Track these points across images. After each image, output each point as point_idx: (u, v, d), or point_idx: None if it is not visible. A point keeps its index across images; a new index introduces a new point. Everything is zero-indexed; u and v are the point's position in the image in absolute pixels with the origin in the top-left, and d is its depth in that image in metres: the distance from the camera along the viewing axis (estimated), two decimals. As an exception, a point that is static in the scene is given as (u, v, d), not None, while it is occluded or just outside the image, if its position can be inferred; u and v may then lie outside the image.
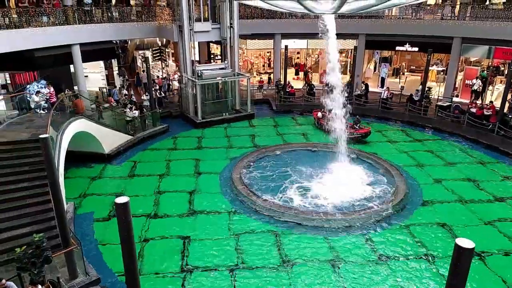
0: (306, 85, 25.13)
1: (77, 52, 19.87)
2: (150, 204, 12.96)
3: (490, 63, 22.66)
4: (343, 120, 15.02)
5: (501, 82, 22.31)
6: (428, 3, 23.77)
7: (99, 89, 23.89)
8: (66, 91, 17.68)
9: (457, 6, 22.59)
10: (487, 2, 22.40)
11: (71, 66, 21.08)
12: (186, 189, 13.96)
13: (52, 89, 16.62)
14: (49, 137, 8.76)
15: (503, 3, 21.67)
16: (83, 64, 20.89)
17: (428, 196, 13.37)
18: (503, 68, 22.58)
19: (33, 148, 11.36)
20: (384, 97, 22.39)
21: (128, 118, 18.31)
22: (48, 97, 15.37)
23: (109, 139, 16.53)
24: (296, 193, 13.26)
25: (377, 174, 14.67)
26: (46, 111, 14.49)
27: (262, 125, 20.84)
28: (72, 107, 16.34)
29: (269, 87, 26.37)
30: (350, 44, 26.03)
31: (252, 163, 15.66)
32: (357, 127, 18.11)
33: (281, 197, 12.99)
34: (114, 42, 25.29)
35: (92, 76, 24.75)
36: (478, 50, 21.95)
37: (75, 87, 20.76)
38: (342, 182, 13.68)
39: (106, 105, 19.69)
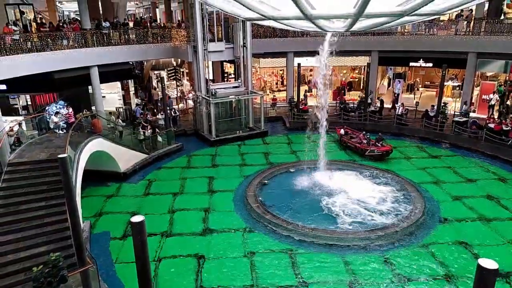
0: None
1: (95, 74, 20.48)
2: (165, 223, 12.99)
3: (507, 78, 22.30)
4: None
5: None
6: (441, 18, 23.72)
7: (116, 109, 24.42)
8: (84, 111, 18.13)
9: (472, 21, 22.47)
10: (502, 17, 22.20)
11: (89, 86, 21.69)
12: (201, 207, 13.97)
13: (71, 109, 17.08)
14: (67, 156, 8.96)
15: (518, 17, 21.47)
16: (101, 85, 21.48)
17: (447, 213, 13.01)
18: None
19: (51, 168, 11.62)
20: (399, 113, 22.19)
21: (141, 137, 18.61)
22: (67, 118, 15.77)
23: (125, 157, 16.80)
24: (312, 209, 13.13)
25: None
26: (65, 131, 14.86)
27: (275, 143, 20.85)
28: (90, 127, 16.73)
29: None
30: (363, 60, 26.06)
31: (266, 181, 15.61)
32: (379, 144, 17.92)
33: (295, 214, 12.85)
34: (131, 63, 25.98)
35: (110, 96, 25.36)
36: (494, 64, 21.67)
37: (93, 107, 21.29)
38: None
39: (123, 124, 20.08)
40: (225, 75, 29.64)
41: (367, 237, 11.51)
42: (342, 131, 20.01)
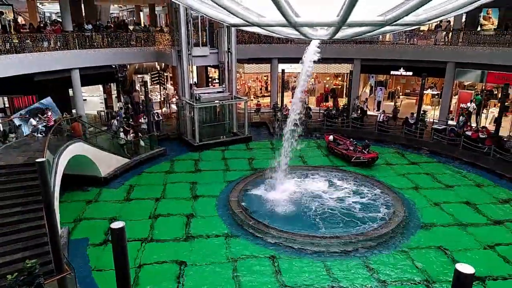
0: (304, 108, 25.35)
1: (76, 77, 20.11)
2: (146, 229, 12.78)
3: (483, 87, 23.04)
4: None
5: (494, 105, 22.63)
6: (421, 29, 24.37)
7: (97, 113, 24.02)
8: (64, 115, 17.76)
9: (450, 32, 23.18)
10: (479, 28, 23.00)
11: (70, 89, 21.27)
12: (183, 213, 13.82)
13: (50, 113, 16.69)
14: (45, 161, 8.74)
15: (494, 29, 22.26)
16: (82, 88, 21.10)
17: (427, 219, 13.28)
18: (496, 92, 22.95)
19: (28, 172, 11.30)
20: (380, 120, 22.61)
21: (121, 142, 18.34)
22: (46, 121, 15.41)
23: (106, 162, 16.50)
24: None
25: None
26: (43, 134, 14.50)
27: (259, 148, 20.89)
28: (70, 130, 16.39)
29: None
30: (345, 68, 26.49)
31: (250, 186, 15.59)
32: (365, 151, 18.13)
33: (281, 219, 12.87)
34: (114, 66, 25.64)
35: (91, 100, 24.94)
36: (471, 74, 22.38)
37: (74, 111, 20.87)
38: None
39: (104, 128, 19.76)
40: (210, 80, 29.58)
41: (349, 242, 11.62)
42: (330, 138, 20.19)
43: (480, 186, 15.90)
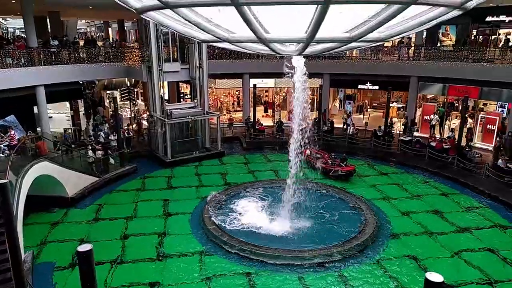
0: (276, 122, 25.65)
1: (41, 93, 19.45)
2: (116, 249, 12.33)
3: (445, 100, 24.21)
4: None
5: (456, 117, 23.79)
6: (385, 45, 25.45)
7: (64, 130, 23.20)
8: (29, 133, 17.07)
9: (412, 48, 24.36)
10: (438, 44, 24.30)
11: (35, 107, 20.51)
12: (155, 231, 13.47)
13: (13, 131, 15.99)
14: (8, 182, 8.32)
15: (452, 45, 23.60)
16: (48, 105, 20.40)
17: (397, 229, 13.61)
18: (457, 104, 24.17)
19: (-11, 194, 10.68)
20: (350, 133, 23.19)
21: (90, 160, 17.78)
22: (9, 140, 14.73)
23: (73, 181, 15.89)
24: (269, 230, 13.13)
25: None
26: (6, 154, 13.83)
27: (232, 163, 20.82)
28: (34, 149, 15.71)
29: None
30: (315, 82, 27.13)
31: (223, 202, 15.46)
32: (343, 164, 18.28)
33: (255, 234, 12.79)
34: (81, 82, 25.03)
35: (57, 117, 24.13)
36: (434, 88, 23.51)
37: (38, 129, 20.10)
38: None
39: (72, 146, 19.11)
40: (181, 95, 29.41)
41: (324, 254, 11.69)
42: (308, 151, 20.25)
43: (446, 194, 16.51)
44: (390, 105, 23.89)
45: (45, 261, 11.77)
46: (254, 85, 24.16)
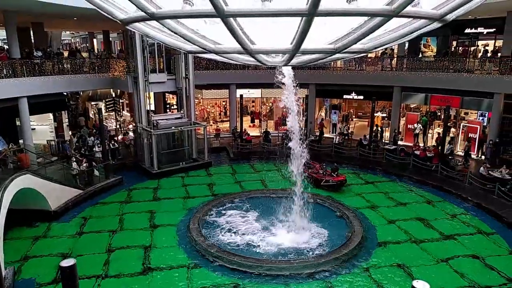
0: (263, 132, 25.74)
1: (24, 105, 19.07)
2: (100, 264, 12.06)
3: (428, 109, 24.75)
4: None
5: (439, 126, 24.30)
6: (369, 56, 25.96)
7: (47, 142, 22.78)
8: (11, 145, 16.68)
9: (395, 59, 24.90)
10: (420, 55, 24.92)
11: (18, 118, 20.09)
12: (141, 244, 13.23)
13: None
14: (-12, 196, 8.09)
15: (434, 55, 24.23)
16: (31, 117, 20.01)
17: (384, 237, 13.71)
18: (439, 114, 24.71)
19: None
20: (336, 142, 23.42)
21: (74, 172, 17.46)
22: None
23: (56, 194, 15.54)
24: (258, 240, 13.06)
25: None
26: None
27: (220, 173, 20.72)
28: (16, 162, 15.34)
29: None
30: (302, 92, 27.37)
31: (211, 212, 15.33)
32: (334, 174, 18.28)
33: (242, 246, 12.70)
34: (65, 94, 24.69)
35: (40, 129, 23.67)
36: (416, 97, 24.02)
37: (21, 141, 19.66)
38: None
39: (54, 158, 18.74)
40: (168, 106, 29.27)
41: (311, 264, 11.66)
42: None
43: (431, 202, 16.75)
44: (375, 114, 24.27)
45: (26, 277, 11.41)
46: (241, 95, 24.27)
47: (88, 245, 13.22)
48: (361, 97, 25.86)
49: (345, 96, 26.62)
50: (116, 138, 23.43)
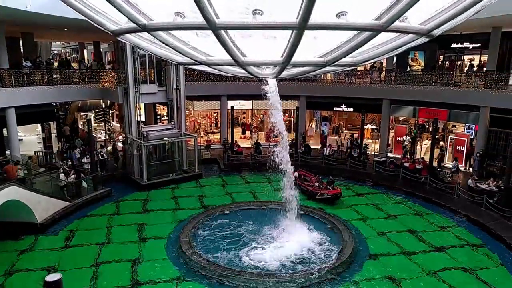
0: (254, 144, 25.75)
1: (11, 116, 18.80)
2: (87, 278, 11.78)
3: (416, 122, 25.11)
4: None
5: (427, 138, 24.64)
6: (358, 69, 26.37)
7: (35, 153, 22.42)
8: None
9: (383, 72, 25.33)
10: (408, 69, 25.39)
11: (5, 129, 19.77)
12: (130, 258, 12.99)
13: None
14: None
15: (421, 69, 24.71)
16: (18, 127, 19.73)
17: (374, 249, 13.70)
18: (427, 126, 25.09)
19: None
20: (327, 154, 23.53)
21: (61, 184, 17.18)
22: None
23: (43, 206, 15.22)
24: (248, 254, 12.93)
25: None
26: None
27: (210, 185, 20.60)
28: (2, 173, 15.07)
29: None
30: (292, 105, 27.59)
31: (201, 225, 15.17)
32: (330, 187, 18.04)
33: (232, 259, 12.55)
34: (54, 104, 24.44)
35: (28, 139, 23.33)
36: (405, 110, 24.39)
37: (7, 152, 19.33)
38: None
39: (42, 169, 18.44)
40: (158, 117, 29.16)
41: (305, 278, 11.56)
42: (296, 174, 20.10)
43: (420, 214, 16.84)
44: (365, 126, 24.53)
45: (9, 293, 11.09)
46: (232, 107, 24.34)
47: (75, 259, 12.93)
48: (351, 109, 26.15)
49: (335, 108, 26.90)
50: (105, 149, 23.18)
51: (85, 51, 42.95)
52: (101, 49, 38.67)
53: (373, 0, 4.51)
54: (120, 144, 24.91)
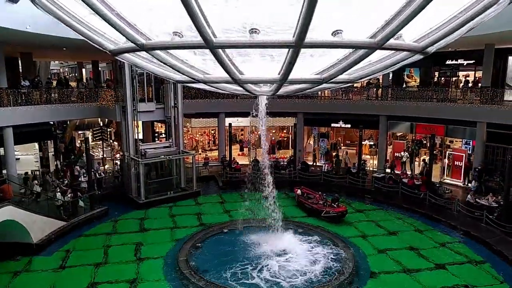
0: (252, 160, 25.67)
1: (9, 135, 18.74)
2: (83, 299, 11.54)
3: (413, 137, 25.18)
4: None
5: (425, 153, 24.64)
6: (355, 85, 26.59)
7: (32, 172, 22.22)
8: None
9: (380, 88, 25.55)
10: (404, 85, 25.64)
11: (1, 148, 19.68)
12: (127, 278, 12.74)
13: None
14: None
15: (417, 86, 24.96)
16: (15, 146, 19.65)
17: (375, 267, 13.49)
18: (425, 142, 25.14)
19: None
20: (325, 170, 23.46)
21: (58, 203, 16.99)
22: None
23: (39, 226, 15.03)
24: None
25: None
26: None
27: (208, 203, 20.42)
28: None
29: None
30: (290, 121, 27.70)
31: (199, 244, 14.96)
32: (335, 205, 17.70)
33: (232, 279, 12.33)
34: (52, 123, 24.44)
35: (25, 158, 23.18)
36: (402, 126, 24.50)
37: (4, 171, 19.18)
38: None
39: (39, 188, 18.25)
40: (156, 134, 29.16)
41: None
42: (299, 191, 19.88)
43: (420, 231, 16.68)
44: (363, 142, 24.56)
45: (2, 316, 10.82)
46: (230, 124, 24.38)
47: (70, 280, 12.70)
48: (349, 125, 26.25)
49: (333, 125, 26.98)
50: (102, 167, 23.06)
51: (83, 70, 43.33)
52: (99, 68, 39.00)
53: (368, 19, 4.58)
54: (118, 162, 24.80)
